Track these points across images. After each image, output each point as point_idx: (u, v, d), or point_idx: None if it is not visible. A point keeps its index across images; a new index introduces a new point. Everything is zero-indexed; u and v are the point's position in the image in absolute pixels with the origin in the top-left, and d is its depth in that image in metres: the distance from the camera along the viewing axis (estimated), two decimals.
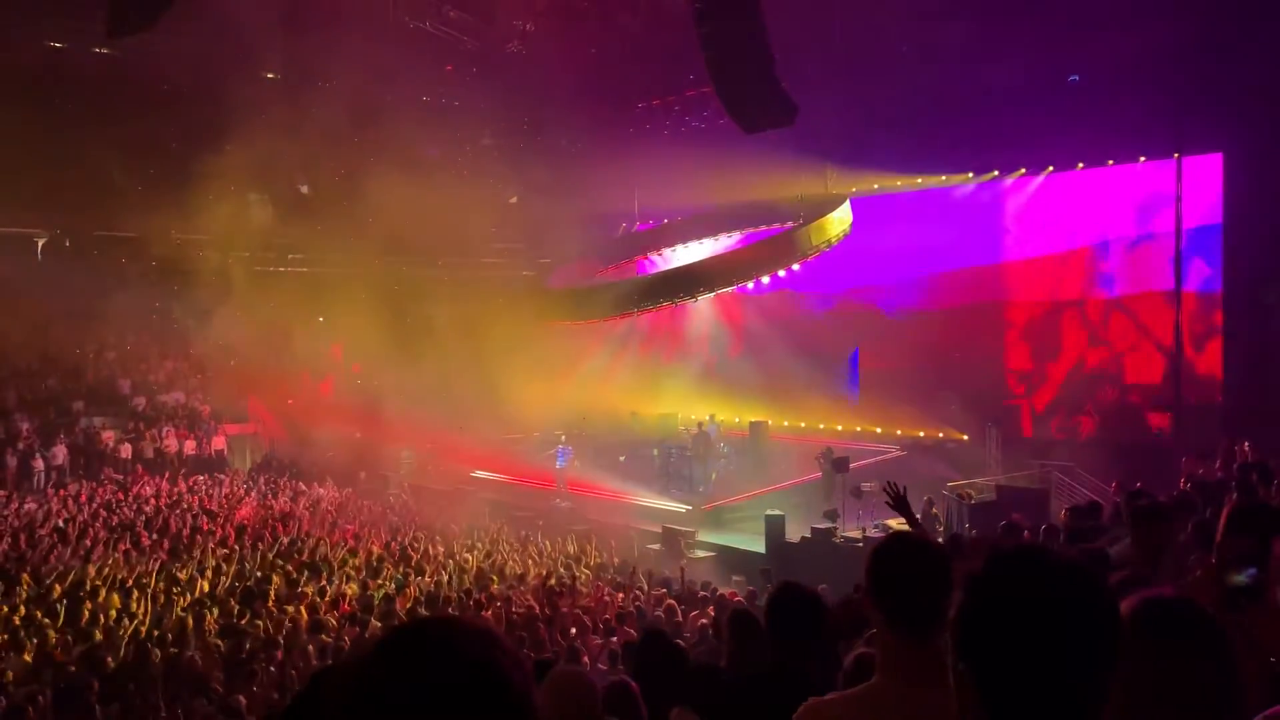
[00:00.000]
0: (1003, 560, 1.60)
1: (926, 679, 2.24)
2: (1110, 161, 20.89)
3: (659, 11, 23.39)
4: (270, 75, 26.96)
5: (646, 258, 28.13)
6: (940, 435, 22.55)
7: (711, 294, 24.47)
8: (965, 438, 21.78)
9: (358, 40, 23.72)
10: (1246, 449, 12.42)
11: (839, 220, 23.18)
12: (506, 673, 1.20)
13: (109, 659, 9.33)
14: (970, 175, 23.31)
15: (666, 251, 27.75)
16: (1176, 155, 20.01)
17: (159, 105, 26.35)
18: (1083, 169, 21.42)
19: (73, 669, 9.16)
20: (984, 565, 1.60)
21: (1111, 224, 21.39)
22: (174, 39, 21.22)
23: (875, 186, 24.74)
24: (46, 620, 11.05)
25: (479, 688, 1.18)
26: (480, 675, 1.18)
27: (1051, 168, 21.88)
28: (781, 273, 24.05)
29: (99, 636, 10.35)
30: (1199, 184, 19.80)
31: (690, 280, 23.82)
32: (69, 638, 10.33)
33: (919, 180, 24.00)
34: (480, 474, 25.18)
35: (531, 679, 1.25)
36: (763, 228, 25.30)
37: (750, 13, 15.13)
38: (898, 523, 11.95)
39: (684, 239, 27.20)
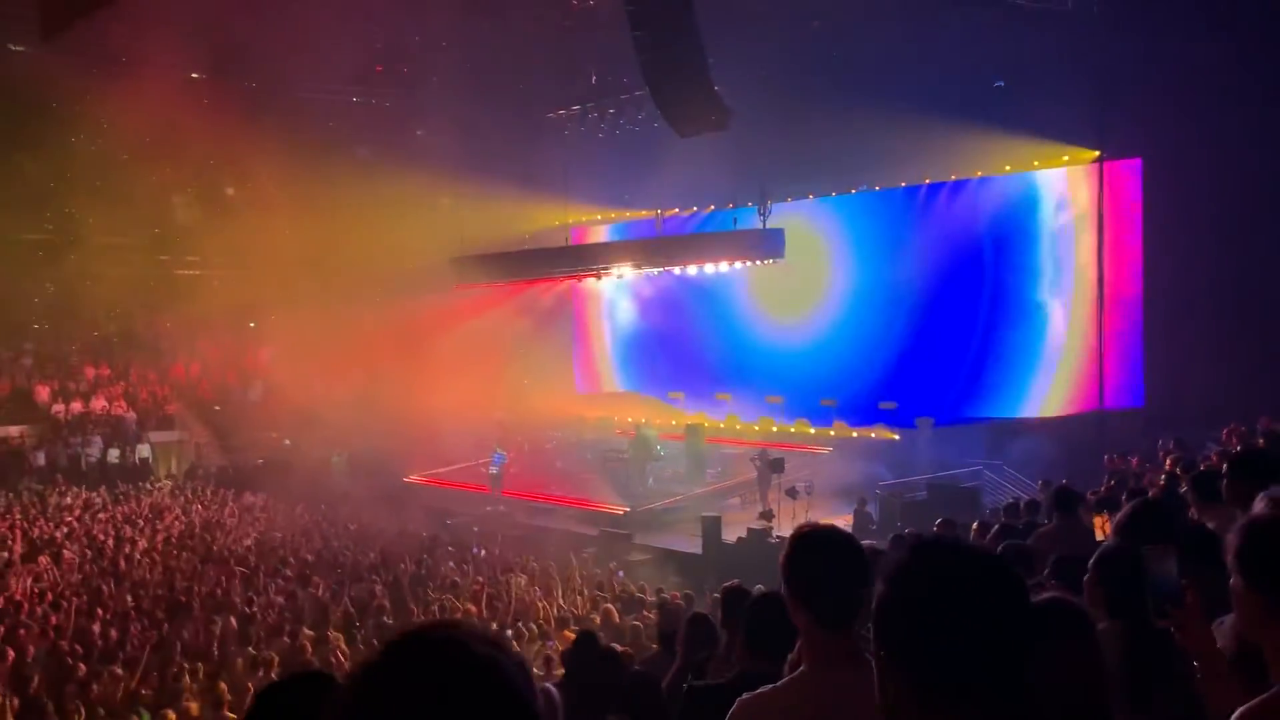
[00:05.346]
0: (921, 551, 1.66)
1: (846, 662, 2.44)
2: (1036, 163, 21.35)
3: (593, 14, 23.33)
4: (195, 75, 26.37)
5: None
6: (872, 435, 22.81)
7: (637, 270, 24.21)
8: (897, 437, 22.06)
9: (285, 38, 23.32)
10: (1172, 447, 12.71)
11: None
12: (513, 676, 1.23)
13: (33, 678, 9.03)
14: (902, 184, 23.71)
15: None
16: (1098, 155, 20.47)
17: (80, 105, 25.62)
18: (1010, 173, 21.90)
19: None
20: (904, 557, 1.66)
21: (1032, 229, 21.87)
22: (96, 37, 20.63)
23: (810, 197, 24.91)
24: None
25: (489, 692, 1.20)
26: (489, 679, 1.21)
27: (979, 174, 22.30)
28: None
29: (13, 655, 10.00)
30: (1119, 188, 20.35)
31: (612, 253, 23.83)
32: None
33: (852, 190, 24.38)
34: (414, 479, 24.90)
35: (533, 683, 1.28)
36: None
37: (684, 17, 15.20)
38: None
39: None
